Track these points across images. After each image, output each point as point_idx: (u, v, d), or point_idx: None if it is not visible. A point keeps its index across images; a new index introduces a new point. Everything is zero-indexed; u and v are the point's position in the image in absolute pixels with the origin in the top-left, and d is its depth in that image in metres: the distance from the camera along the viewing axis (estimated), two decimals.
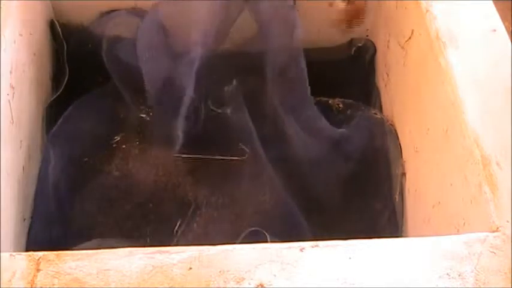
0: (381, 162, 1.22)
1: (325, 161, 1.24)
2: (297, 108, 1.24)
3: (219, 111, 1.31)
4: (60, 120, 1.30)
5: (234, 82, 1.30)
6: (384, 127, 1.23)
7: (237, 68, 1.32)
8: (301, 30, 1.23)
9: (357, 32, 1.40)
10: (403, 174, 1.16)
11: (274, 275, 0.70)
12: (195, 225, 1.21)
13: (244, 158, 1.27)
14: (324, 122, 1.23)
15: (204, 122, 1.30)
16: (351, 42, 1.40)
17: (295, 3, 1.25)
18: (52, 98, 1.28)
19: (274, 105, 1.25)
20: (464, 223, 0.85)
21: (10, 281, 0.69)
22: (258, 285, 0.68)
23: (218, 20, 1.23)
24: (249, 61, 1.30)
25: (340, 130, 1.24)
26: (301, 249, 0.72)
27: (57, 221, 1.16)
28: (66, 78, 1.31)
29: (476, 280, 0.70)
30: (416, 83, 1.08)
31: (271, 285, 0.69)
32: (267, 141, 1.23)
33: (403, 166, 1.17)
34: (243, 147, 1.26)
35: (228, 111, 1.29)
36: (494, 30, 0.98)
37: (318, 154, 1.24)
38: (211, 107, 1.32)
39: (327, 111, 1.29)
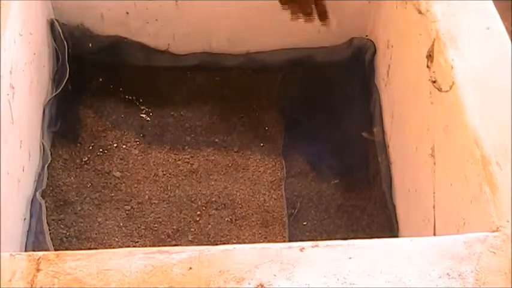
0: None
1: None
2: None
3: None
4: (61, 120, 1.31)
5: None
6: None
7: None
8: None
9: (357, 32, 1.40)
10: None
11: (274, 275, 0.70)
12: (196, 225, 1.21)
13: None
14: None
15: None
16: (351, 42, 1.40)
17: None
18: (51, 97, 1.28)
19: None
20: (464, 223, 0.85)
21: (10, 281, 0.69)
22: (258, 285, 0.69)
23: None
24: None
25: None
26: (301, 249, 0.72)
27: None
28: (66, 78, 1.31)
29: (476, 280, 0.70)
30: (417, 83, 1.08)
31: (271, 285, 0.69)
32: None
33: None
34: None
35: None
36: (494, 30, 0.98)
37: None
38: None
39: None
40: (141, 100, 1.39)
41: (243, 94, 1.42)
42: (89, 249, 1.04)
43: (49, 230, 1.13)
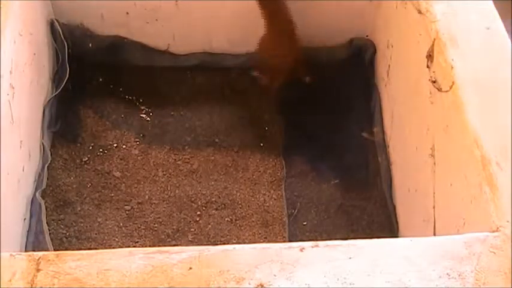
0: None
1: None
2: None
3: None
4: (61, 120, 1.31)
5: None
6: None
7: None
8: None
9: (357, 32, 1.40)
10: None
11: (274, 275, 0.70)
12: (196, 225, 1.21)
13: None
14: None
15: None
16: (351, 42, 1.40)
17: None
18: (51, 97, 1.29)
19: None
20: (464, 223, 0.85)
21: (10, 281, 0.69)
22: (258, 285, 0.69)
23: None
24: None
25: None
26: (301, 249, 0.72)
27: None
28: (66, 78, 1.31)
29: (476, 280, 0.70)
30: (417, 83, 1.08)
31: (271, 285, 0.69)
32: None
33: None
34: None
35: None
36: (494, 30, 0.98)
37: None
38: None
39: None
40: (141, 100, 1.39)
41: (243, 94, 1.42)
42: (89, 249, 1.04)
43: (49, 230, 1.14)
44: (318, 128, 1.35)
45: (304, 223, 1.22)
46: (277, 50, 1.31)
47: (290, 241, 1.17)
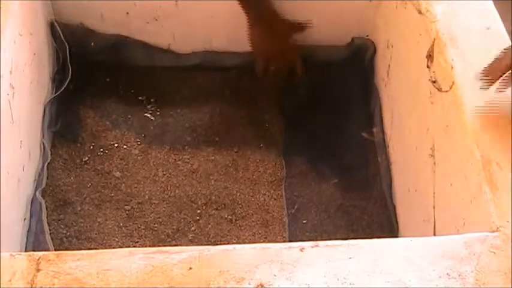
0: None
1: None
2: None
3: None
4: (61, 120, 1.31)
5: None
6: None
7: None
8: None
9: (357, 32, 1.40)
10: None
11: (274, 275, 0.70)
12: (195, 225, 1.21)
13: None
14: None
15: None
16: (351, 42, 1.40)
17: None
18: (52, 97, 1.29)
19: None
20: (464, 223, 0.85)
21: (10, 281, 0.69)
22: (258, 285, 0.69)
23: None
24: None
25: None
26: (301, 249, 0.73)
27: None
28: (68, 79, 1.31)
29: (476, 280, 0.70)
30: (417, 83, 1.09)
31: (271, 285, 0.69)
32: None
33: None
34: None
35: None
36: (494, 30, 0.98)
37: None
38: None
39: None
40: (141, 100, 1.39)
41: (243, 94, 1.42)
42: (89, 249, 1.04)
43: (49, 230, 1.13)
44: (318, 128, 1.35)
45: (304, 221, 1.22)
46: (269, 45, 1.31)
47: (290, 241, 1.17)
